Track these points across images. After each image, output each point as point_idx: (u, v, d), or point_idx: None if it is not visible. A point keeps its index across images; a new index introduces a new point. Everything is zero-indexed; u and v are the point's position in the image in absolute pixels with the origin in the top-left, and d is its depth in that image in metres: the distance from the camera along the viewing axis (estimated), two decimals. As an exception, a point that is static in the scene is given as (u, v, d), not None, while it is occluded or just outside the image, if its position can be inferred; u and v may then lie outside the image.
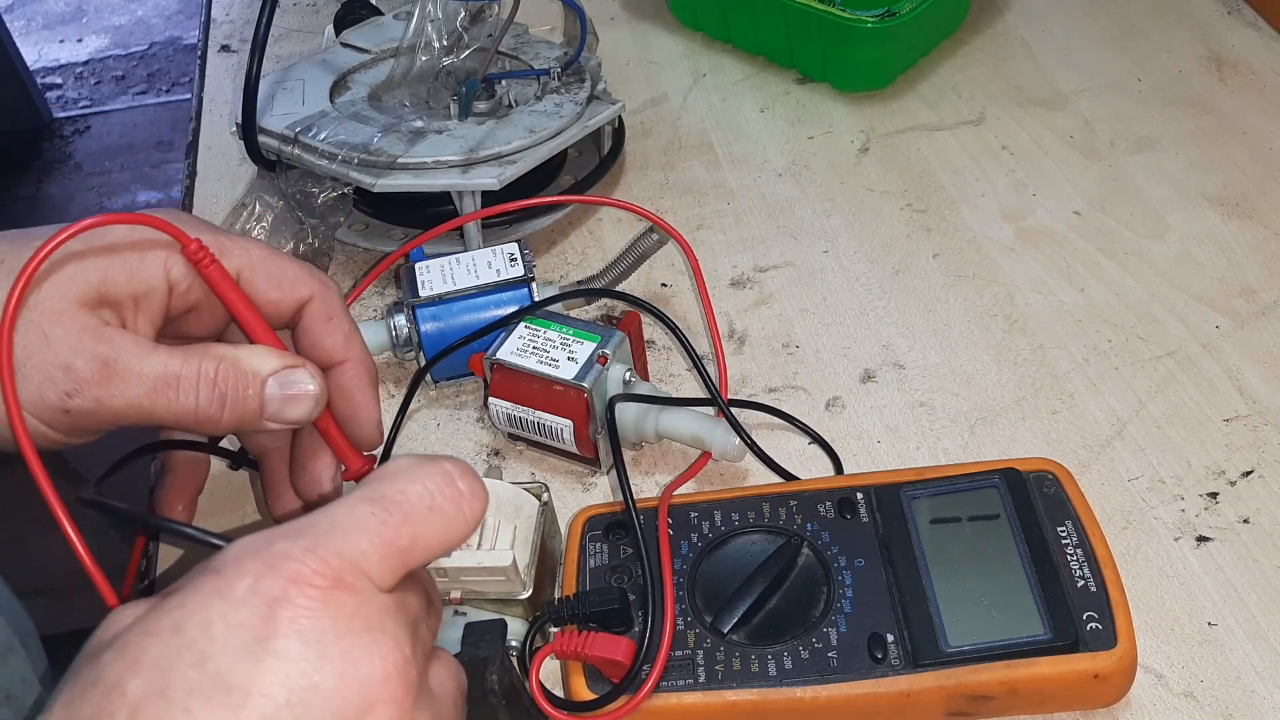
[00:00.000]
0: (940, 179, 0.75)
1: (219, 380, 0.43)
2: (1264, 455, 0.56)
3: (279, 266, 0.47)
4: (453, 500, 0.34)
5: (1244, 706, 0.47)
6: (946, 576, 0.47)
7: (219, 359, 0.44)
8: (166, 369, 0.43)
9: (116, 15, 2.91)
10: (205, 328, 0.48)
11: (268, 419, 0.45)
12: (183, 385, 0.43)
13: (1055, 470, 0.51)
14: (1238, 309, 0.64)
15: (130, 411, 0.43)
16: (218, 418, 0.44)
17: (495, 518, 0.50)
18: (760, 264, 0.70)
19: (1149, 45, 0.85)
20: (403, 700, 0.31)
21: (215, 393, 0.43)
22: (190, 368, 0.43)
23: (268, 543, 0.31)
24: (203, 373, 0.43)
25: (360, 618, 0.31)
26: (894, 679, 0.45)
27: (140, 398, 0.43)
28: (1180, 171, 0.74)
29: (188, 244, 0.43)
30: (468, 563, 0.47)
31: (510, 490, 0.51)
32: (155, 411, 0.43)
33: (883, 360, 0.63)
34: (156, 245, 0.44)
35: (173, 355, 0.43)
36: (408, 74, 0.72)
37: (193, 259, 0.43)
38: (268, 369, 0.44)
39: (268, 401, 0.44)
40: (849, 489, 0.52)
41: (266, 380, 0.44)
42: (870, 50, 0.80)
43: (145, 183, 2.41)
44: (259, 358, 0.44)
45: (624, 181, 0.77)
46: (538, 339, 0.57)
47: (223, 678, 0.29)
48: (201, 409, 0.43)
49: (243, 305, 0.45)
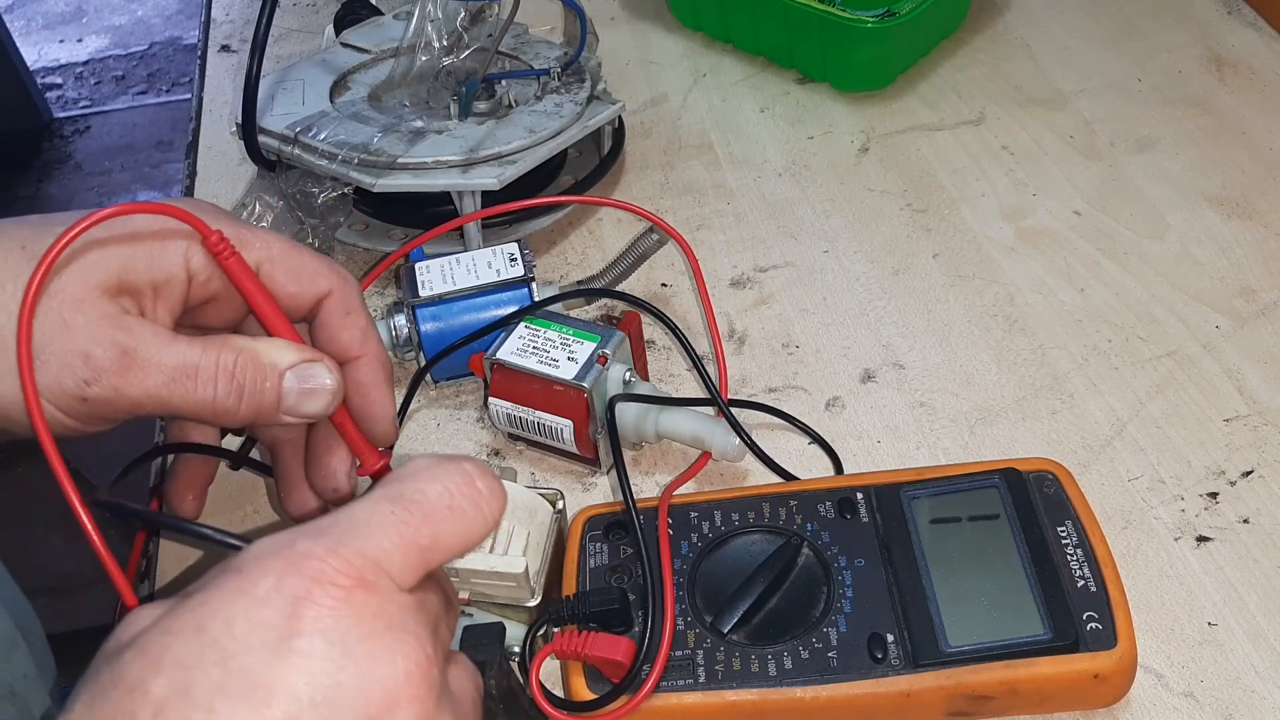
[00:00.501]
0: (940, 179, 0.75)
1: (237, 372, 0.43)
2: (1264, 455, 0.56)
3: (299, 260, 0.47)
4: (472, 500, 0.34)
5: (1244, 706, 0.47)
6: (946, 576, 0.47)
7: (238, 351, 0.43)
8: (185, 359, 0.43)
9: (116, 15, 2.91)
10: (224, 319, 0.48)
11: (284, 412, 0.45)
12: (201, 376, 0.43)
13: (1055, 470, 0.51)
14: (1238, 309, 0.64)
15: (148, 401, 0.43)
16: (235, 409, 0.44)
17: (509, 522, 0.49)
18: (760, 264, 0.70)
19: (1149, 45, 0.85)
20: (425, 700, 0.31)
21: (233, 384, 0.43)
22: (209, 359, 0.43)
23: (289, 542, 0.31)
24: (221, 364, 0.43)
25: (383, 617, 0.31)
26: (894, 679, 0.45)
27: (158, 388, 0.43)
28: (1180, 171, 0.74)
29: (208, 235, 0.43)
30: (479, 565, 0.47)
31: (526, 495, 0.50)
32: (173, 401, 0.43)
33: (883, 360, 0.63)
34: (177, 235, 0.44)
35: (191, 346, 0.43)
36: (408, 74, 0.72)
37: (213, 250, 0.43)
38: (286, 362, 0.44)
39: (285, 394, 0.44)
40: (849, 489, 0.52)
41: (284, 373, 0.44)
42: (870, 50, 0.80)
43: (145, 183, 2.41)
44: (278, 350, 0.44)
45: (624, 181, 0.77)
46: (538, 339, 0.57)
47: (247, 676, 0.29)
48: (219, 400, 0.43)
49: (261, 298, 0.45)
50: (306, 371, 0.44)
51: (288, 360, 0.44)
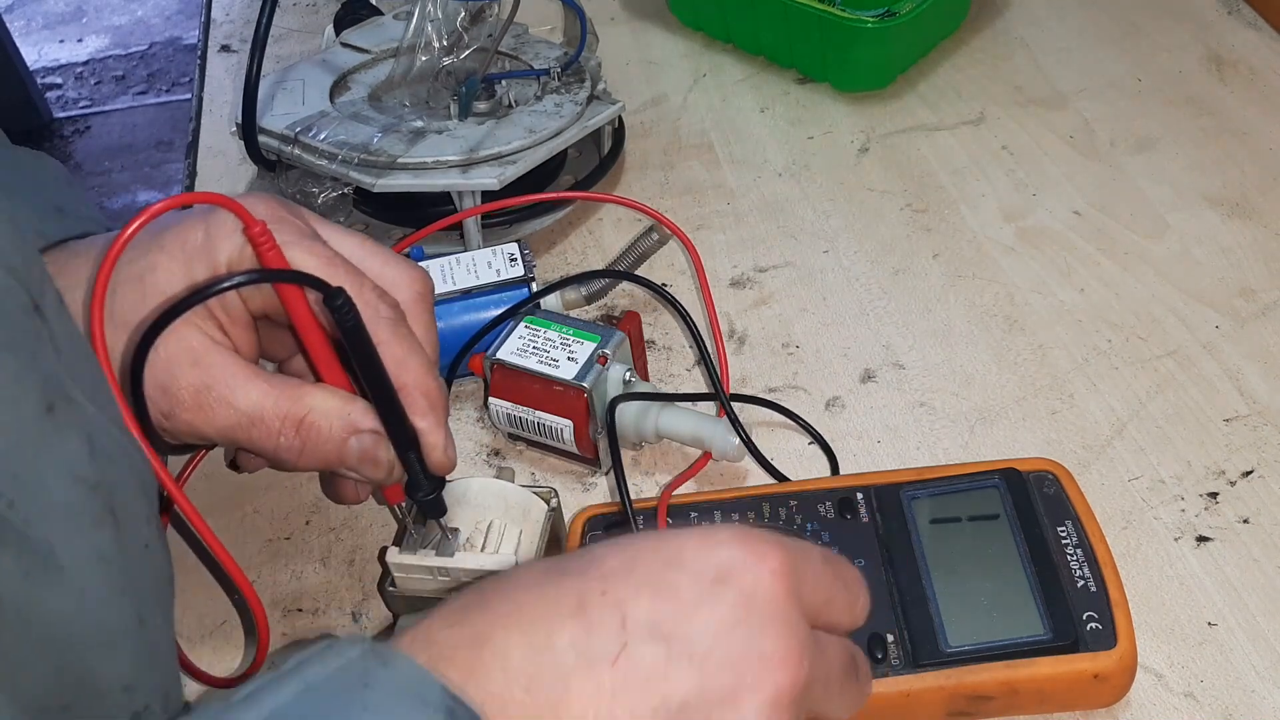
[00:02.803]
0: (940, 179, 0.75)
1: (302, 430, 0.45)
2: (1264, 455, 0.56)
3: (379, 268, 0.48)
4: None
5: (1244, 706, 0.47)
6: (946, 576, 0.47)
7: (308, 409, 0.45)
8: (258, 408, 0.45)
9: (116, 15, 2.91)
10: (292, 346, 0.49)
11: (345, 468, 0.46)
12: (269, 425, 0.45)
13: (1055, 470, 0.51)
14: (1238, 309, 0.64)
15: (218, 437, 0.45)
16: (295, 461, 0.46)
17: (502, 520, 0.50)
18: (760, 264, 0.70)
19: (1149, 45, 0.85)
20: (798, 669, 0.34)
21: (296, 439, 0.45)
22: (279, 410, 0.45)
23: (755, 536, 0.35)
24: (289, 417, 0.45)
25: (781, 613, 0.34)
26: (894, 679, 0.45)
27: (229, 428, 0.45)
28: (1180, 171, 0.74)
29: (251, 224, 0.43)
30: (469, 564, 0.47)
31: (520, 494, 0.51)
32: (238, 440, 0.46)
33: (883, 360, 0.63)
34: (229, 233, 0.45)
35: (266, 394, 0.45)
36: (408, 74, 0.72)
37: (254, 240, 0.43)
38: (351, 428, 0.45)
39: (346, 455, 0.46)
40: (849, 489, 0.52)
41: (349, 440, 0.45)
42: (870, 50, 0.80)
43: (145, 183, 2.41)
44: (343, 417, 0.45)
45: (624, 181, 0.77)
46: (538, 339, 0.57)
47: (677, 590, 0.33)
48: (282, 449, 0.45)
49: (313, 333, 0.45)
50: (369, 441, 0.46)
51: (352, 428, 0.45)
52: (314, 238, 0.46)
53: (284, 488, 0.59)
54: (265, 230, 0.43)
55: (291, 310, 0.44)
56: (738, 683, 0.32)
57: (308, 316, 0.44)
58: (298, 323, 0.44)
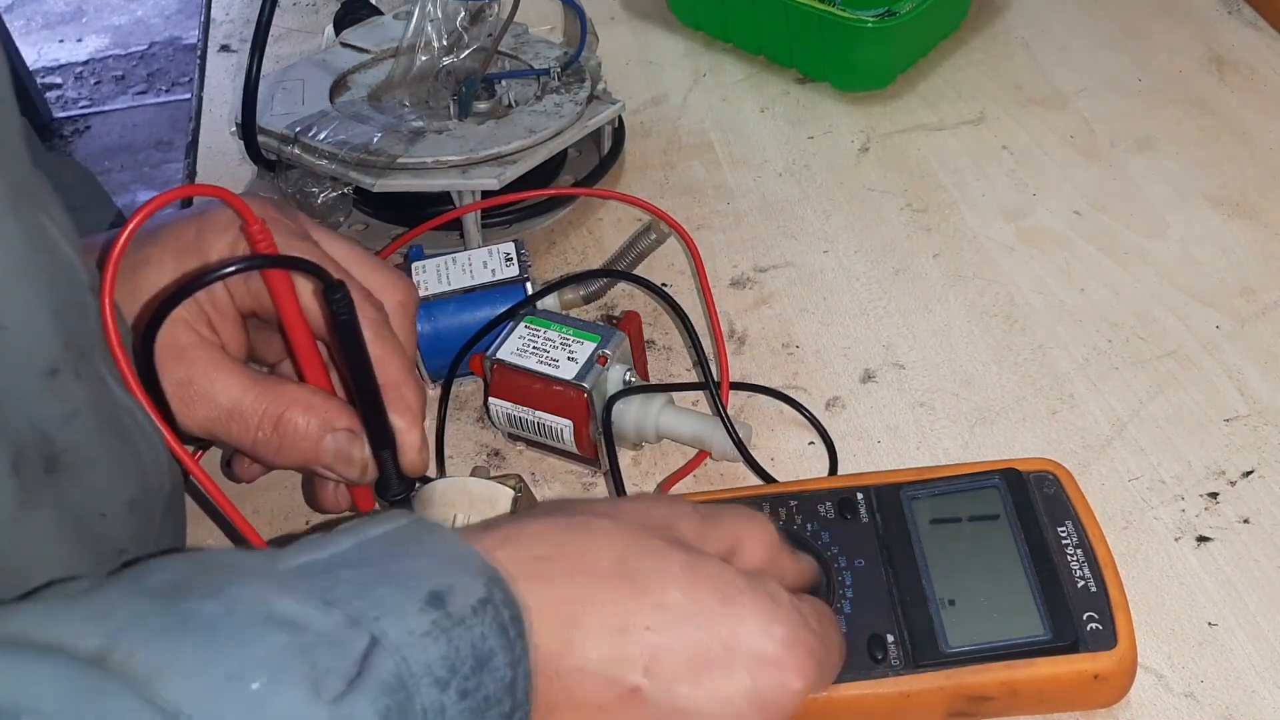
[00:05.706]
0: (940, 179, 0.75)
1: (279, 427, 0.46)
2: (1264, 455, 0.56)
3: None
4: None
5: (1244, 706, 0.47)
6: (946, 577, 0.47)
7: (287, 406, 0.46)
8: (237, 403, 0.45)
9: (116, 15, 2.91)
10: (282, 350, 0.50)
11: (320, 466, 0.47)
12: (246, 420, 0.46)
13: (1055, 470, 0.51)
14: (1238, 309, 0.64)
15: (198, 430, 0.46)
16: (272, 458, 0.47)
17: (466, 513, 0.50)
18: (760, 264, 0.70)
19: (1149, 45, 0.85)
20: None
21: (274, 436, 0.46)
22: (258, 408, 0.46)
23: None
24: (267, 414, 0.46)
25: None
26: (894, 679, 0.45)
27: (208, 421, 0.46)
28: (1180, 171, 0.74)
29: (252, 222, 0.43)
30: None
31: (483, 485, 0.51)
32: (217, 434, 0.46)
33: (883, 360, 0.63)
34: (223, 231, 0.46)
35: (246, 389, 0.46)
36: (408, 74, 0.72)
37: (251, 238, 0.44)
38: (327, 427, 0.46)
39: (321, 453, 0.46)
40: (849, 489, 0.52)
41: (325, 437, 0.46)
42: (870, 50, 0.80)
43: (145, 183, 2.41)
44: (320, 415, 0.46)
45: (624, 181, 0.77)
46: (538, 339, 0.57)
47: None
48: (259, 444, 0.46)
49: (299, 330, 0.45)
50: (344, 439, 0.46)
51: (328, 426, 0.46)
52: (305, 238, 0.47)
53: (284, 488, 0.59)
54: (264, 228, 0.43)
55: (280, 305, 0.44)
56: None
57: (295, 312, 0.45)
58: (285, 318, 0.45)
